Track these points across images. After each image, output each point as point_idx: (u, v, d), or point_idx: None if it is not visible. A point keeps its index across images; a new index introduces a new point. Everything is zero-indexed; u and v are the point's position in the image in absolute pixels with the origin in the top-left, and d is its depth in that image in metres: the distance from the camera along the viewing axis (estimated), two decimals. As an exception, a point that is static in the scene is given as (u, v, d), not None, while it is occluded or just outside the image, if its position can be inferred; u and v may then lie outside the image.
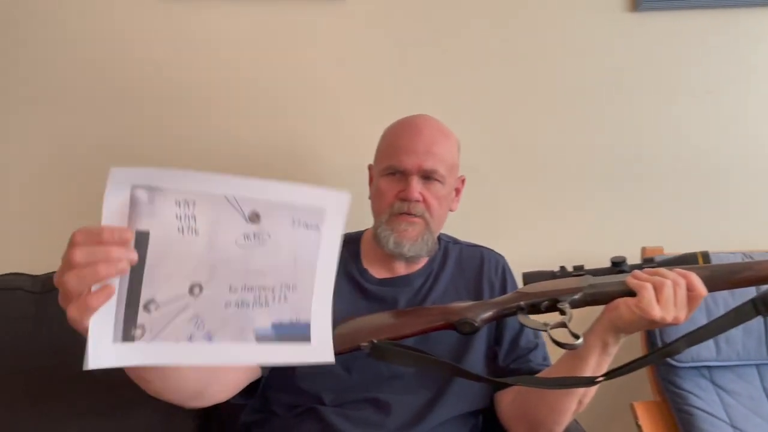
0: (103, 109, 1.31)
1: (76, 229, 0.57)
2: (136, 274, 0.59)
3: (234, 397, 0.90)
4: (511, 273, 1.13)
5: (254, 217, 0.63)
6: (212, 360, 0.64)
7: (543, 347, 1.07)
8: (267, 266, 0.64)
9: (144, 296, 0.60)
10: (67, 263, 0.56)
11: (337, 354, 0.81)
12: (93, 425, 1.08)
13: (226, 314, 0.63)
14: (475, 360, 1.01)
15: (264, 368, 0.93)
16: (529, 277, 0.92)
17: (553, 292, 0.86)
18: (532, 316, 0.87)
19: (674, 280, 0.79)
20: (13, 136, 1.29)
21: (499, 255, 1.15)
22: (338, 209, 0.66)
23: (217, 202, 0.61)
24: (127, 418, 1.08)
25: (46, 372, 1.09)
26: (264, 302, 0.64)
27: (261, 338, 0.65)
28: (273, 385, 0.96)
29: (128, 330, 0.59)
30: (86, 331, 0.58)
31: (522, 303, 0.86)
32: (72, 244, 0.57)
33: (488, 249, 1.16)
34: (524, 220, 1.43)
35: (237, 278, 0.63)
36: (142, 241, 0.59)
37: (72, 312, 0.58)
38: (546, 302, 0.85)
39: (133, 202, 0.58)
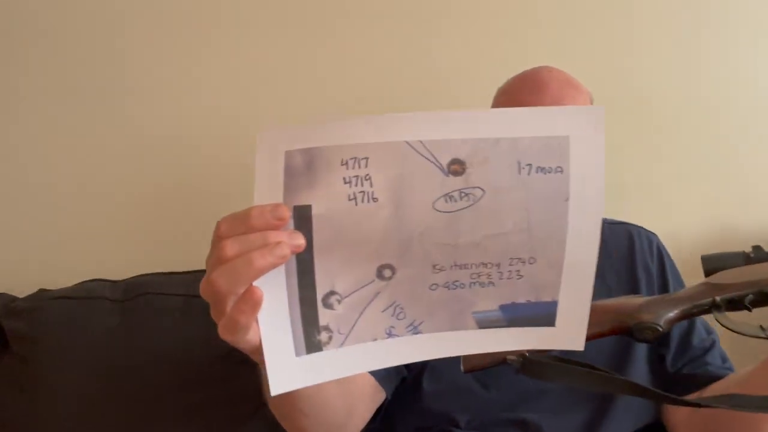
0: (173, 101, 1.19)
1: (221, 218, 0.44)
2: (304, 263, 0.45)
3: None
4: (669, 255, 0.93)
5: (456, 168, 0.45)
6: (423, 355, 0.49)
7: (719, 344, 0.87)
8: (484, 236, 0.46)
9: (320, 289, 0.45)
10: (215, 261, 0.43)
11: (475, 371, 0.65)
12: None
13: (432, 298, 0.48)
14: (638, 368, 0.82)
15: (387, 389, 0.79)
16: (711, 262, 0.71)
17: (760, 281, 0.66)
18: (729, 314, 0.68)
19: None
20: (85, 131, 1.18)
21: (651, 233, 0.95)
22: (593, 129, 0.45)
23: (398, 152, 0.44)
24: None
25: (137, 386, 0.98)
26: (486, 282, 0.48)
27: (485, 323, 0.49)
28: (397, 404, 0.81)
29: (311, 336, 0.46)
30: (252, 351, 0.45)
31: (717, 298, 0.66)
32: (217, 237, 0.44)
33: (636, 226, 0.95)
34: (674, 188, 1.19)
35: (442, 255, 0.47)
36: (303, 218, 0.44)
37: (224, 334, 0.44)
38: (751, 296, 0.65)
39: (288, 173, 0.43)
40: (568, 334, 0.49)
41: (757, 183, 1.17)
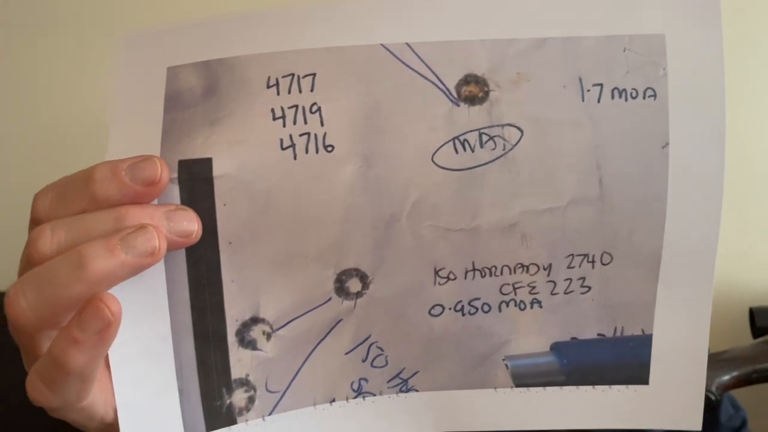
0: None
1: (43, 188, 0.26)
2: (201, 266, 0.27)
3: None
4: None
5: (473, 91, 0.27)
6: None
7: (748, 425, 0.73)
8: (522, 212, 0.28)
9: (233, 314, 0.27)
10: (24, 263, 0.25)
11: None
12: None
13: (434, 330, 0.29)
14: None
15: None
16: (764, 315, 0.62)
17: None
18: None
19: None
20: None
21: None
22: (705, 23, 0.26)
23: (369, 64, 0.26)
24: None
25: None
26: (528, 300, 0.29)
27: (525, 377, 0.29)
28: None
29: (215, 398, 0.27)
30: (98, 429, 0.26)
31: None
32: (32, 221, 0.25)
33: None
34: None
35: (450, 250, 0.28)
36: (197, 183, 0.26)
37: (34, 392, 0.24)
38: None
39: (172, 103, 0.26)
40: (673, 400, 0.29)
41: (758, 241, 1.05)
